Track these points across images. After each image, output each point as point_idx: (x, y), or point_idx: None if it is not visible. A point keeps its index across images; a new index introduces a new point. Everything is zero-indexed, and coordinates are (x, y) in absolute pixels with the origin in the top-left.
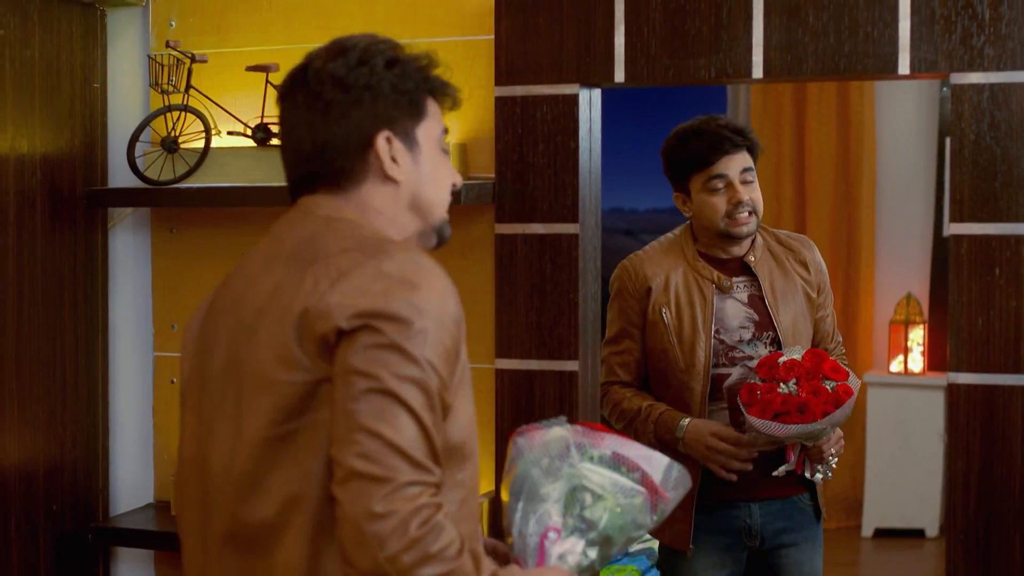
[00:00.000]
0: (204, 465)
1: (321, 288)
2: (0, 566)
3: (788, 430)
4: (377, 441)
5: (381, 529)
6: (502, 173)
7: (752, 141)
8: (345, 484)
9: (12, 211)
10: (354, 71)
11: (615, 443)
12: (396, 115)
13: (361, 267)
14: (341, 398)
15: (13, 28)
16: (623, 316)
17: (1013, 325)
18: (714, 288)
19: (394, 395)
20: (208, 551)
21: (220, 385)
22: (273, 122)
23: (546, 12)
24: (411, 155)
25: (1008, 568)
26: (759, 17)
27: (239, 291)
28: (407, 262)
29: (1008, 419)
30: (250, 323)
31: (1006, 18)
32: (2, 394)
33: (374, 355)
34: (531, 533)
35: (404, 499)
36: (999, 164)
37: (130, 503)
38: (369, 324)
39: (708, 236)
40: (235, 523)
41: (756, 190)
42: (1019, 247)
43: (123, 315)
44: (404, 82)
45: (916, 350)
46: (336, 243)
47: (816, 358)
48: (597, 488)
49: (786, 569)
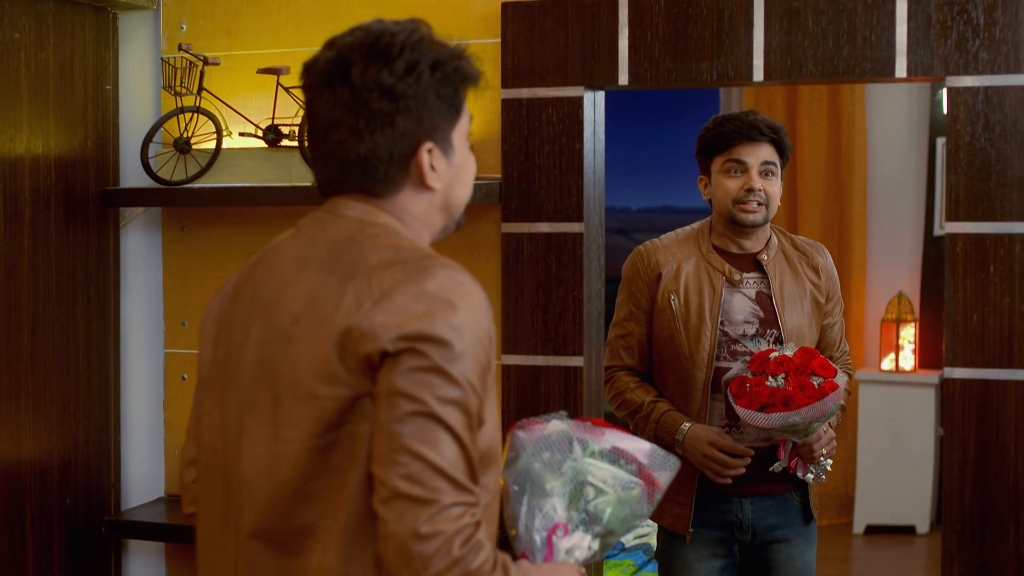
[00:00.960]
0: (230, 460)
1: (364, 307)
2: (16, 558)
3: (771, 420)
4: (421, 463)
5: (426, 549)
6: (508, 173)
7: (781, 139)
8: (389, 503)
9: (28, 210)
10: (403, 81)
11: (614, 437)
12: (439, 123)
13: (403, 286)
14: (385, 418)
15: (28, 32)
16: (631, 299)
17: (1007, 321)
18: (724, 280)
19: (437, 418)
20: (236, 542)
21: (253, 386)
22: (284, 123)
23: (551, 16)
24: (447, 159)
25: (1002, 558)
26: (760, 21)
27: (272, 292)
28: (447, 281)
29: (1002, 413)
30: (286, 329)
31: (1000, 23)
32: (18, 390)
33: (418, 378)
34: (538, 528)
35: (448, 520)
36: (993, 165)
37: (142, 497)
38: (413, 347)
39: (721, 225)
40: (271, 523)
41: (773, 185)
42: (1012, 245)
43: (135, 312)
44: (446, 87)
45: (907, 348)
46: (374, 254)
47: (807, 355)
48: (600, 483)
49: (778, 563)
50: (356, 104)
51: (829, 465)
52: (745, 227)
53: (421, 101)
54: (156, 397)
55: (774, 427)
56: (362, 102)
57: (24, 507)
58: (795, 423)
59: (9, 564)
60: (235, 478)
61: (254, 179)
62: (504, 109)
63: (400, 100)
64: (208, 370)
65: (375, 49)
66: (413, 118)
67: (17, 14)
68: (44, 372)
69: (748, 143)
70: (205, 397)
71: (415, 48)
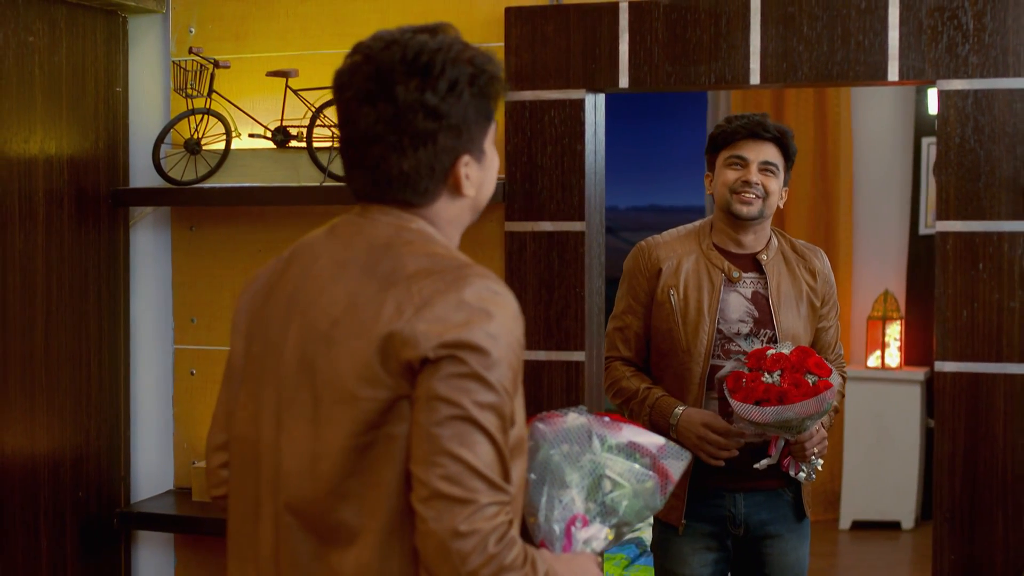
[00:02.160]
0: (264, 452)
1: (406, 315)
2: (30, 549)
3: (765, 414)
4: (459, 465)
5: (464, 547)
6: (512, 174)
7: (786, 142)
8: (429, 503)
9: (42, 210)
10: (445, 101)
11: (631, 432)
12: (476, 136)
13: (443, 295)
14: (425, 421)
15: (43, 35)
16: (631, 292)
17: (995, 316)
18: (723, 277)
19: (474, 421)
20: (275, 529)
21: (293, 385)
22: (292, 125)
23: (554, 21)
24: (480, 167)
25: (991, 544)
26: (756, 27)
27: (309, 294)
28: (484, 291)
29: (991, 405)
30: (326, 332)
31: (989, 28)
32: (32, 387)
33: (457, 384)
34: (557, 519)
35: (484, 519)
36: (982, 165)
37: (151, 490)
38: (453, 355)
39: (721, 221)
40: (311, 516)
41: (773, 182)
42: (1001, 243)
43: (144, 310)
44: (482, 100)
45: (893, 345)
46: (412, 262)
47: (803, 354)
48: (617, 476)
49: (770, 558)
50: (400, 122)
51: (820, 465)
52: (741, 219)
53: (462, 118)
54: (165, 392)
55: (768, 421)
56: (407, 121)
57: (39, 499)
58: (789, 419)
59: (24, 554)
60: (271, 470)
61: (263, 179)
62: (508, 111)
63: (444, 119)
64: (241, 363)
65: (415, 66)
66: (454, 134)
67: (32, 18)
68: (57, 368)
69: (752, 140)
70: (240, 390)
71: (455, 65)
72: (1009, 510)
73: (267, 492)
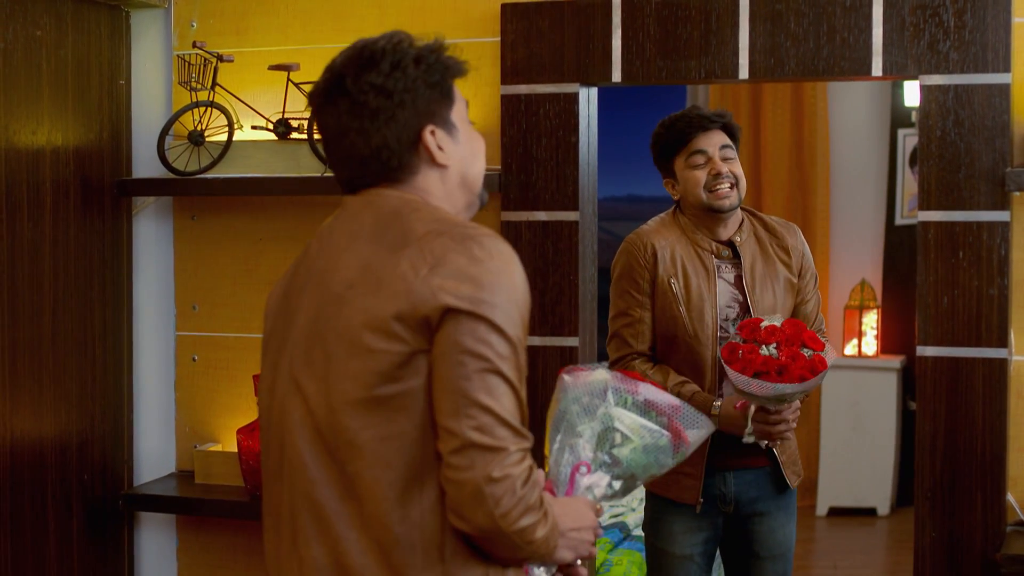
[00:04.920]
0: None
1: (421, 272)
2: (38, 530)
3: (764, 388)
4: (489, 415)
5: (496, 491)
6: (507, 165)
7: (729, 122)
8: (461, 453)
9: (49, 199)
10: (391, 78)
11: (648, 391)
12: (434, 108)
13: (455, 253)
14: (453, 375)
15: (49, 30)
16: (633, 287)
17: (975, 303)
18: (714, 258)
19: (500, 373)
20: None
21: (306, 346)
22: (294, 117)
23: (549, 16)
24: (452, 139)
25: (971, 522)
26: (745, 23)
27: (325, 263)
28: (493, 248)
29: (971, 388)
30: (340, 294)
31: (969, 26)
32: (40, 372)
33: (481, 336)
34: (564, 464)
35: (512, 464)
36: (963, 157)
37: (154, 472)
38: (472, 310)
39: (696, 217)
40: (331, 471)
41: (737, 166)
42: (980, 232)
43: (147, 297)
44: (432, 75)
45: (870, 334)
46: (421, 225)
47: (796, 327)
48: (626, 430)
49: (759, 535)
50: (357, 108)
51: (790, 431)
52: (723, 213)
53: (412, 92)
54: (167, 378)
55: (767, 395)
56: (361, 104)
57: (45, 482)
58: (787, 394)
59: (32, 535)
60: (289, 433)
61: (264, 170)
62: (503, 104)
63: (394, 95)
64: (266, 340)
65: (362, 59)
66: (409, 108)
67: (39, 13)
68: (64, 354)
69: (703, 133)
70: (262, 364)
71: (396, 50)
72: (988, 489)
73: (288, 455)
